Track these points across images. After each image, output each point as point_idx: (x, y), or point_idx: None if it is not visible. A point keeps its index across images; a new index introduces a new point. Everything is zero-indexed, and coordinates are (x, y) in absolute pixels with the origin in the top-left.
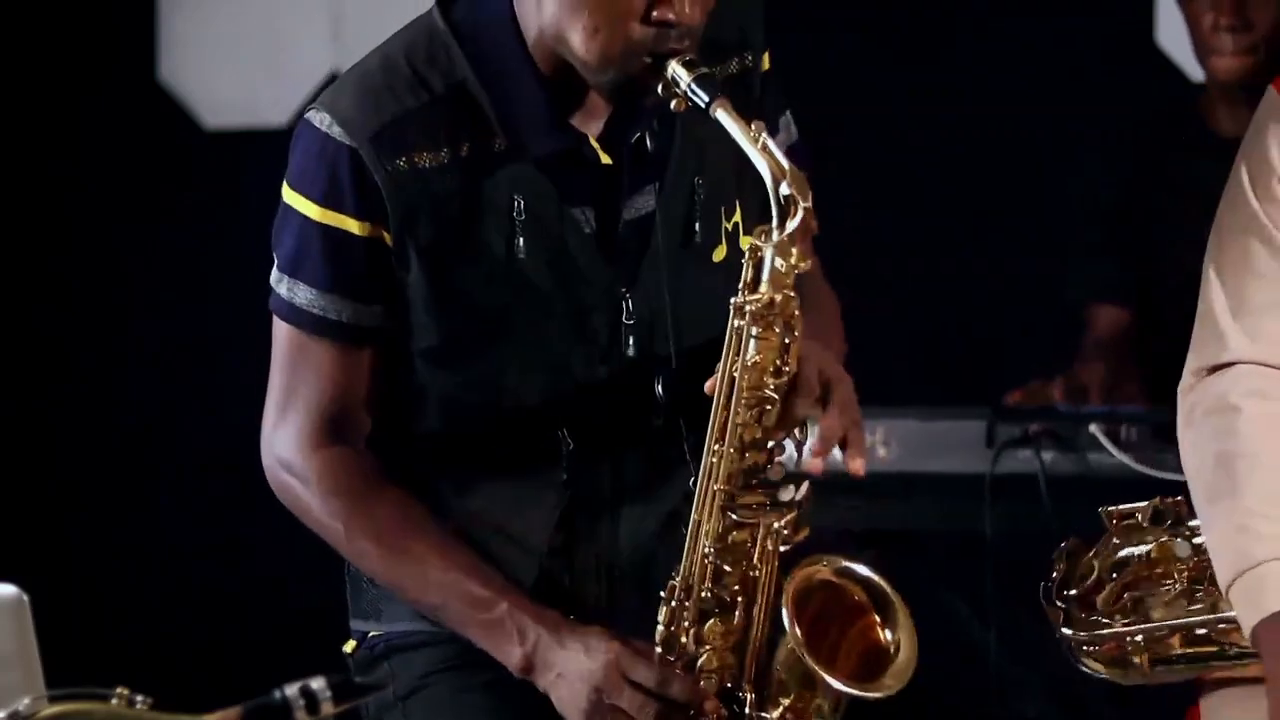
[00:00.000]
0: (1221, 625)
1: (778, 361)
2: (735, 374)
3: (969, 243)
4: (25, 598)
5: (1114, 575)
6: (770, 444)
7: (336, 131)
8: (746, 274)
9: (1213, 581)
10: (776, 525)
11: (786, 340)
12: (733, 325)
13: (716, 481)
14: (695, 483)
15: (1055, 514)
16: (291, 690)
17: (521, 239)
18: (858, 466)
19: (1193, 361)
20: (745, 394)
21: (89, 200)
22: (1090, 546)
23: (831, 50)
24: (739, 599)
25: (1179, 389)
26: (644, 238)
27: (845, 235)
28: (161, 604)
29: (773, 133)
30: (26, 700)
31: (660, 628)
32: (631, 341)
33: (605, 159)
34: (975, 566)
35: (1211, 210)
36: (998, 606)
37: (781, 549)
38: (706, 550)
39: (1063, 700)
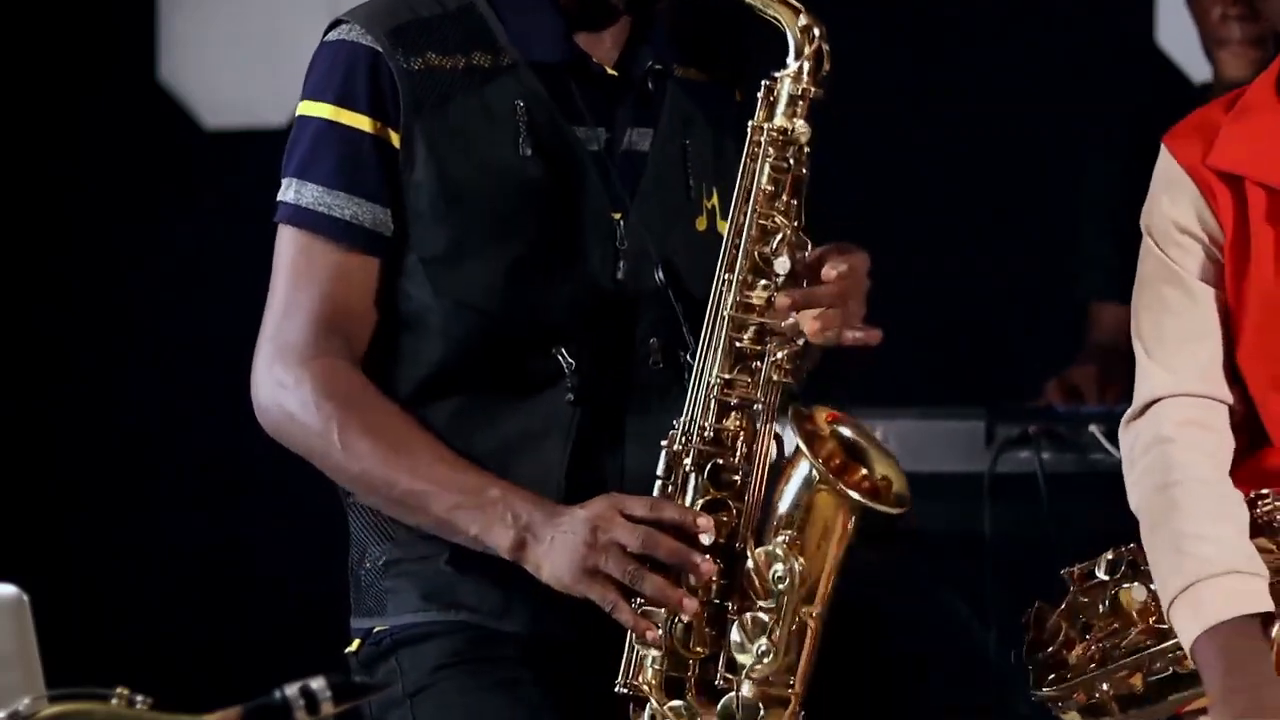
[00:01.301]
0: (1176, 653)
1: (785, 195)
2: (748, 202)
3: (967, 242)
4: (25, 598)
5: (1085, 636)
6: (774, 276)
7: (356, 33)
8: (761, 109)
9: None
10: (780, 355)
11: (794, 175)
12: (748, 151)
13: (724, 309)
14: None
15: (1054, 514)
16: (291, 690)
17: (525, 145)
18: (814, 331)
19: (1130, 406)
20: (755, 224)
21: (89, 200)
22: (1055, 608)
23: (835, 49)
24: (740, 439)
25: (1119, 435)
26: (639, 174)
27: (846, 234)
28: (161, 604)
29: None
30: (26, 700)
31: (659, 480)
32: (622, 266)
33: (612, 72)
34: (975, 566)
35: None
36: (997, 606)
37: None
38: (712, 383)
39: None
